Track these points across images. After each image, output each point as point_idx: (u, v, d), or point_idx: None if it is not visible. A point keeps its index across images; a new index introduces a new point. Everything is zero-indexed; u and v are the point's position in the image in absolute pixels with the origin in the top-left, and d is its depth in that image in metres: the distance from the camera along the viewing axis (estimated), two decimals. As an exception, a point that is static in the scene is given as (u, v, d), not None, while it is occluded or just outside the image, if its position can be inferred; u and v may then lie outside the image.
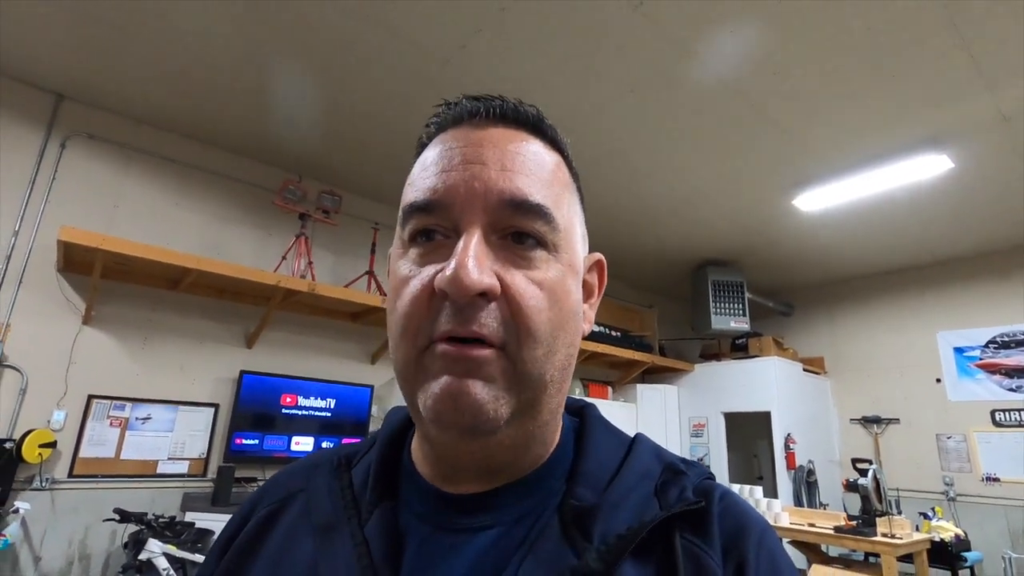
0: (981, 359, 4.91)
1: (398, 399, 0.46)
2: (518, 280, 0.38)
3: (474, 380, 0.37)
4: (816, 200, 3.98)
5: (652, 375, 5.86)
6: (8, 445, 2.61)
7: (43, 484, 2.74)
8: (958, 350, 5.05)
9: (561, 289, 0.40)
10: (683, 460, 0.46)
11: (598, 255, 0.50)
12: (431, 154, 0.43)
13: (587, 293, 0.48)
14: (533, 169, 0.41)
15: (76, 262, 2.90)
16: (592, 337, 4.98)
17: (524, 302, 0.38)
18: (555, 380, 0.40)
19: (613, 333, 5.29)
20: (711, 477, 0.45)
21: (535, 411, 0.40)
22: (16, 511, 2.57)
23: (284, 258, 3.53)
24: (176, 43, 2.66)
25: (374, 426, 3.80)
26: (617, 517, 0.39)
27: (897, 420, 5.28)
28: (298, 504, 0.47)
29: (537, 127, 0.44)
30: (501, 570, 0.38)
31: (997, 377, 4.79)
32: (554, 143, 0.45)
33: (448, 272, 0.36)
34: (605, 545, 0.37)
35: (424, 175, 0.41)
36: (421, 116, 0.47)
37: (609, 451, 0.45)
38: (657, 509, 0.40)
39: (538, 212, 0.40)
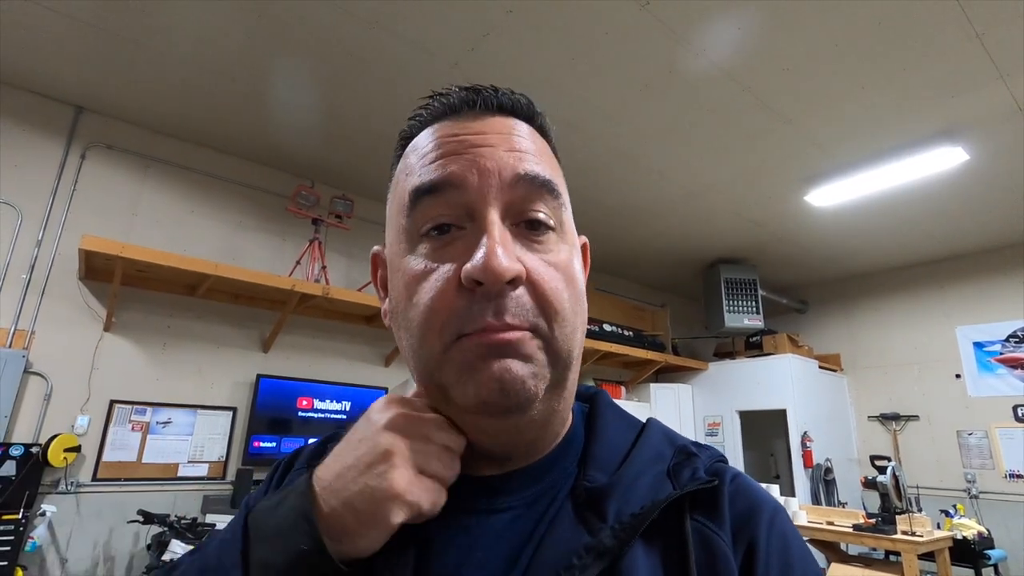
0: (1002, 354, 4.82)
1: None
2: (538, 264, 0.39)
3: (513, 360, 0.37)
4: (829, 195, 3.94)
5: (665, 374, 5.84)
6: (34, 450, 2.67)
7: (68, 487, 2.80)
8: (978, 345, 4.97)
9: (572, 269, 0.42)
10: (695, 443, 0.46)
11: (583, 237, 0.51)
12: (428, 142, 0.42)
13: None
14: (536, 151, 0.43)
15: (97, 270, 2.97)
16: (605, 337, 4.97)
17: (547, 285, 0.39)
18: (577, 357, 0.42)
19: (626, 333, 5.27)
20: (723, 460, 0.46)
21: (562, 387, 0.41)
22: (43, 514, 2.63)
23: (298, 263, 3.57)
24: (189, 54, 2.71)
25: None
26: (630, 497, 0.40)
27: (916, 417, 5.21)
28: None
29: (529, 115, 0.45)
30: (519, 550, 0.39)
31: (1018, 372, 4.71)
32: (543, 130, 0.46)
33: (479, 261, 0.36)
34: (619, 523, 0.38)
35: (426, 160, 0.41)
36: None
37: (620, 434, 0.46)
38: (671, 489, 0.40)
39: (549, 188, 0.41)
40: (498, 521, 0.41)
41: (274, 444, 3.42)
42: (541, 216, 0.41)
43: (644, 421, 0.49)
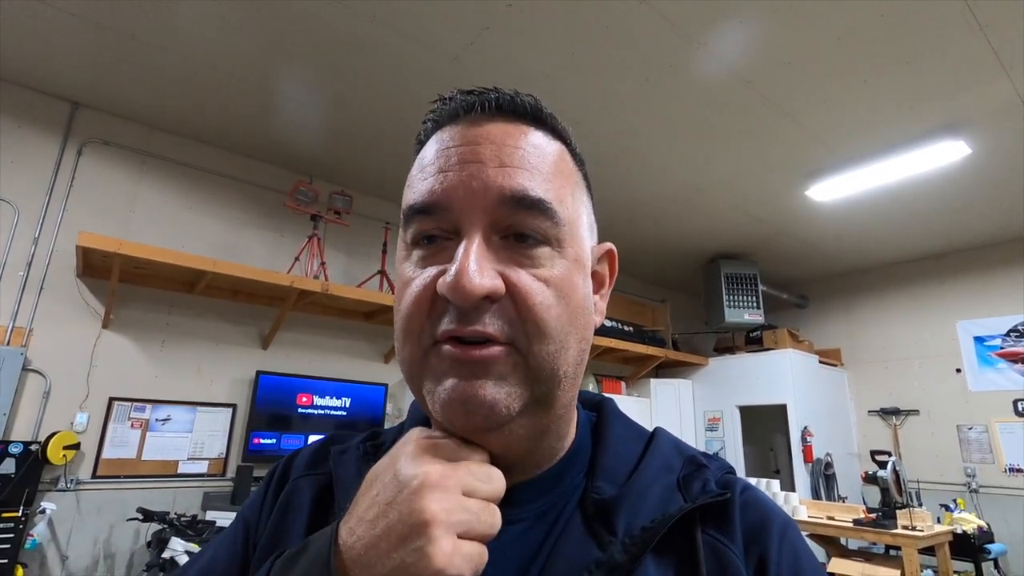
0: (1002, 348, 4.82)
1: (411, 396, 0.49)
2: (524, 279, 0.38)
3: (483, 380, 0.37)
4: (830, 190, 3.92)
5: (666, 369, 5.84)
6: (33, 447, 2.67)
7: (68, 485, 2.80)
8: (978, 339, 4.96)
9: (568, 285, 0.40)
10: (704, 454, 0.46)
11: (608, 245, 0.49)
12: (428, 153, 0.42)
13: (597, 284, 0.47)
14: (533, 163, 0.40)
15: (94, 267, 2.95)
16: (605, 332, 4.96)
17: (531, 300, 0.37)
18: (568, 375, 0.40)
19: (626, 328, 5.27)
20: (732, 471, 0.45)
21: (549, 405, 0.40)
22: (43, 511, 2.63)
23: (297, 259, 3.55)
24: (186, 49, 2.69)
25: (389, 424, 3.83)
26: (641, 509, 0.39)
27: (916, 411, 5.21)
28: (325, 486, 0.48)
29: (536, 117, 0.43)
30: (526, 565, 0.38)
31: (1019, 366, 4.71)
32: (555, 132, 0.44)
33: (449, 278, 0.36)
34: (630, 537, 0.37)
35: (422, 176, 0.41)
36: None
37: (628, 445, 0.45)
38: (681, 501, 0.40)
39: (539, 208, 0.39)
40: (506, 534, 0.40)
41: (274, 441, 3.42)
42: (528, 231, 0.39)
43: (651, 431, 0.48)
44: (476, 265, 0.36)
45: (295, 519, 0.46)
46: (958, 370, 5.03)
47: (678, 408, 5.50)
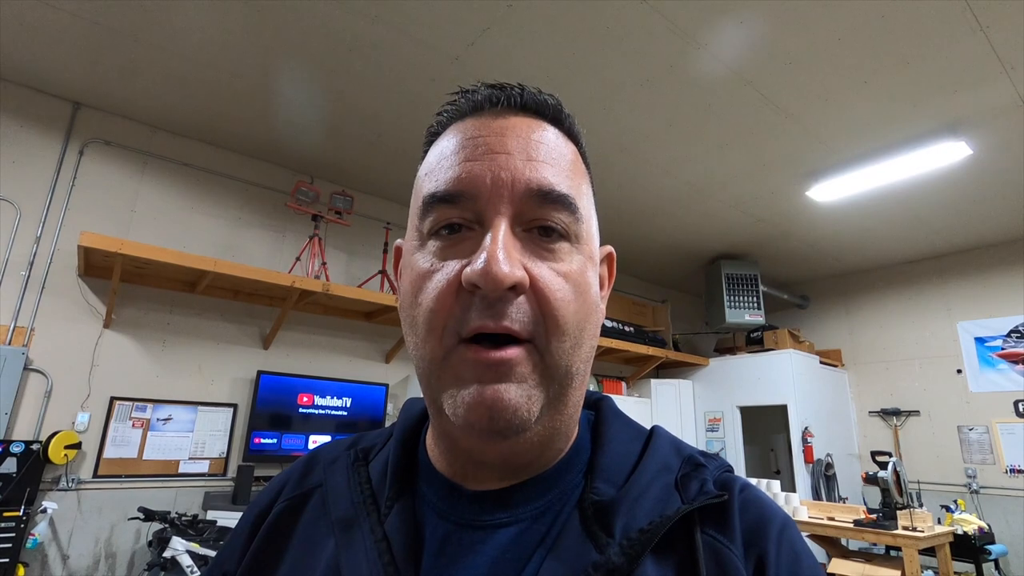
0: (1003, 349, 4.82)
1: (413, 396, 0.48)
2: (545, 273, 0.38)
3: (507, 384, 0.36)
4: (831, 190, 3.92)
5: (666, 370, 5.84)
6: (35, 447, 2.67)
7: (69, 484, 2.80)
8: (979, 340, 4.96)
9: (584, 281, 0.40)
10: (702, 453, 0.45)
11: (609, 247, 0.50)
12: (450, 143, 0.42)
13: (599, 285, 0.48)
14: (556, 159, 0.41)
15: (96, 267, 2.96)
16: (605, 332, 4.96)
17: (552, 295, 0.38)
18: (580, 372, 0.41)
19: (626, 328, 5.27)
20: (730, 470, 0.45)
21: (561, 404, 0.40)
22: (44, 511, 2.63)
23: (298, 259, 3.56)
24: (187, 49, 2.69)
25: (389, 424, 3.83)
26: (638, 511, 0.39)
27: (917, 412, 5.21)
28: (316, 501, 0.47)
29: (556, 117, 0.44)
30: (522, 567, 0.38)
31: (1020, 367, 4.70)
32: (571, 134, 0.45)
33: (479, 265, 0.36)
34: (627, 540, 0.37)
35: (445, 164, 0.41)
36: (431, 114, 0.47)
37: (626, 444, 0.45)
38: (679, 503, 0.39)
39: (564, 202, 0.39)
40: (504, 536, 0.40)
41: (275, 440, 3.42)
42: (552, 225, 0.39)
43: (649, 429, 0.48)
44: (505, 253, 0.36)
45: (285, 540, 0.46)
46: (959, 371, 5.02)
47: (679, 408, 5.49)
